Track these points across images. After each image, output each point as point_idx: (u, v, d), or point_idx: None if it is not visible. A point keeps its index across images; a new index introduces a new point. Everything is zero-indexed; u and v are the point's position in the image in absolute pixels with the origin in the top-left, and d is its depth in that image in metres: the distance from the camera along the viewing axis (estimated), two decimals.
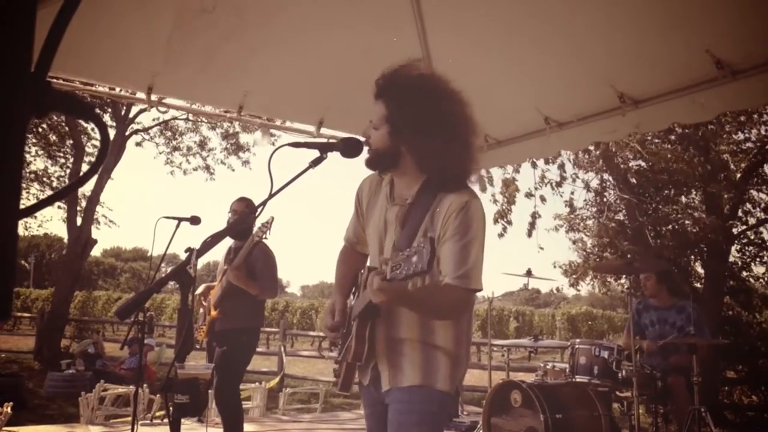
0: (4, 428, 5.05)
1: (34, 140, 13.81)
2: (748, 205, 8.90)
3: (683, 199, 9.13)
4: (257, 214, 1.95)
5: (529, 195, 9.23)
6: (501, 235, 9.34)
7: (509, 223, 9.33)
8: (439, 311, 1.91)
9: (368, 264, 2.15)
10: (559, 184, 9.18)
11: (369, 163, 2.04)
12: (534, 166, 8.76)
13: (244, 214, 4.29)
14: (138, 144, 15.52)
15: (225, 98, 4.35)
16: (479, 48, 3.92)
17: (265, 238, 4.09)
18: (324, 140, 4.07)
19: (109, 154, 12.68)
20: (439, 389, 1.95)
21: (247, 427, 4.47)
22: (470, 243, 1.86)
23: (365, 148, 2.01)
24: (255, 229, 4.12)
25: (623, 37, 3.44)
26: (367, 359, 1.98)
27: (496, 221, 9.36)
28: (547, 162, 8.83)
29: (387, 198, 2.09)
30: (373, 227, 2.13)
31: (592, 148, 8.14)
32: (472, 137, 1.95)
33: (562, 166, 9.10)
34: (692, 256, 8.96)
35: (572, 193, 9.50)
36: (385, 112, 1.94)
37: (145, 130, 15.41)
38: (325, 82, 4.14)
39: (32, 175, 14.25)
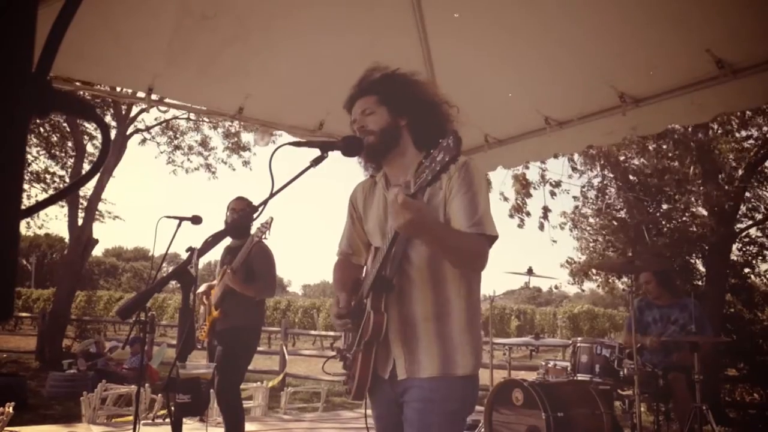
0: (5, 428, 5.05)
1: (35, 140, 13.81)
2: (751, 203, 8.90)
3: (684, 197, 9.13)
4: (258, 213, 1.94)
5: (534, 186, 9.23)
6: (520, 226, 9.35)
7: (528, 214, 9.34)
8: (459, 252, 1.85)
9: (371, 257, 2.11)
10: (558, 183, 9.20)
11: (371, 148, 2.01)
12: (543, 162, 8.78)
13: (244, 212, 4.29)
14: (140, 143, 15.54)
15: (225, 101, 4.36)
16: (480, 49, 3.91)
17: (265, 238, 4.10)
18: (325, 139, 4.07)
19: (110, 154, 12.67)
20: (460, 375, 1.91)
21: (248, 426, 4.48)
22: (476, 194, 1.90)
23: (363, 136, 2.01)
24: (254, 229, 4.12)
25: (624, 37, 3.44)
26: (384, 340, 1.94)
27: (511, 216, 9.36)
28: (556, 156, 8.82)
29: (384, 188, 2.11)
30: (373, 220, 2.14)
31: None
32: (449, 111, 2.07)
33: (572, 158, 9.10)
34: (693, 254, 8.95)
35: (583, 187, 9.49)
36: (377, 97, 2.04)
37: (147, 129, 15.42)
38: (326, 87, 4.13)
39: (33, 176, 14.26)
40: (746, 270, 8.94)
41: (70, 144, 14.23)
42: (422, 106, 2.03)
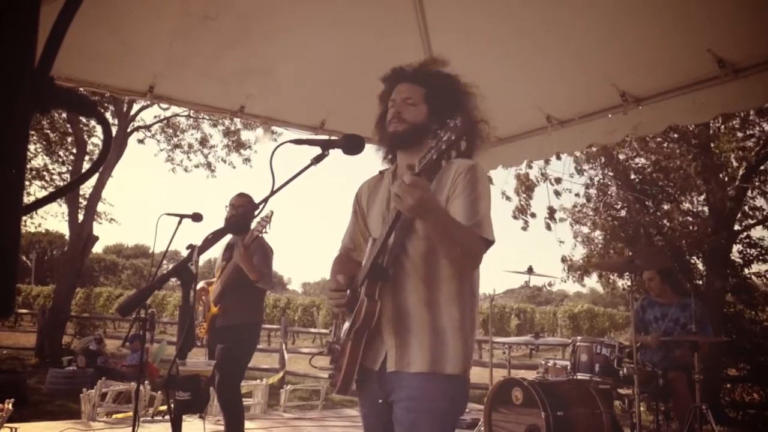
0: (5, 425, 5.06)
1: (35, 137, 13.80)
2: (753, 202, 8.89)
3: (685, 196, 9.12)
4: (259, 210, 1.93)
5: (537, 184, 9.21)
6: (524, 228, 9.34)
7: (532, 215, 9.31)
8: (457, 243, 1.85)
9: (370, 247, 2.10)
10: (558, 180, 9.19)
11: (398, 135, 2.04)
12: (546, 162, 8.76)
13: (244, 209, 4.28)
14: (140, 141, 15.54)
15: (226, 102, 4.36)
16: (482, 48, 3.91)
17: (265, 232, 4.09)
18: (326, 137, 4.07)
19: (111, 151, 12.65)
20: (448, 374, 1.90)
21: (248, 423, 4.48)
22: (479, 198, 1.92)
23: (395, 122, 2.04)
24: (254, 223, 4.11)
25: (626, 36, 3.44)
26: (377, 330, 1.93)
27: (515, 217, 9.34)
28: (558, 156, 8.83)
29: (390, 182, 2.11)
30: (376, 211, 2.15)
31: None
32: (483, 129, 2.09)
33: (574, 156, 9.08)
34: (694, 254, 8.94)
35: (586, 186, 9.49)
36: (424, 92, 2.05)
37: (147, 127, 15.42)
38: (328, 85, 4.14)
39: (33, 173, 14.25)
40: (746, 270, 8.93)
41: (70, 141, 14.22)
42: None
